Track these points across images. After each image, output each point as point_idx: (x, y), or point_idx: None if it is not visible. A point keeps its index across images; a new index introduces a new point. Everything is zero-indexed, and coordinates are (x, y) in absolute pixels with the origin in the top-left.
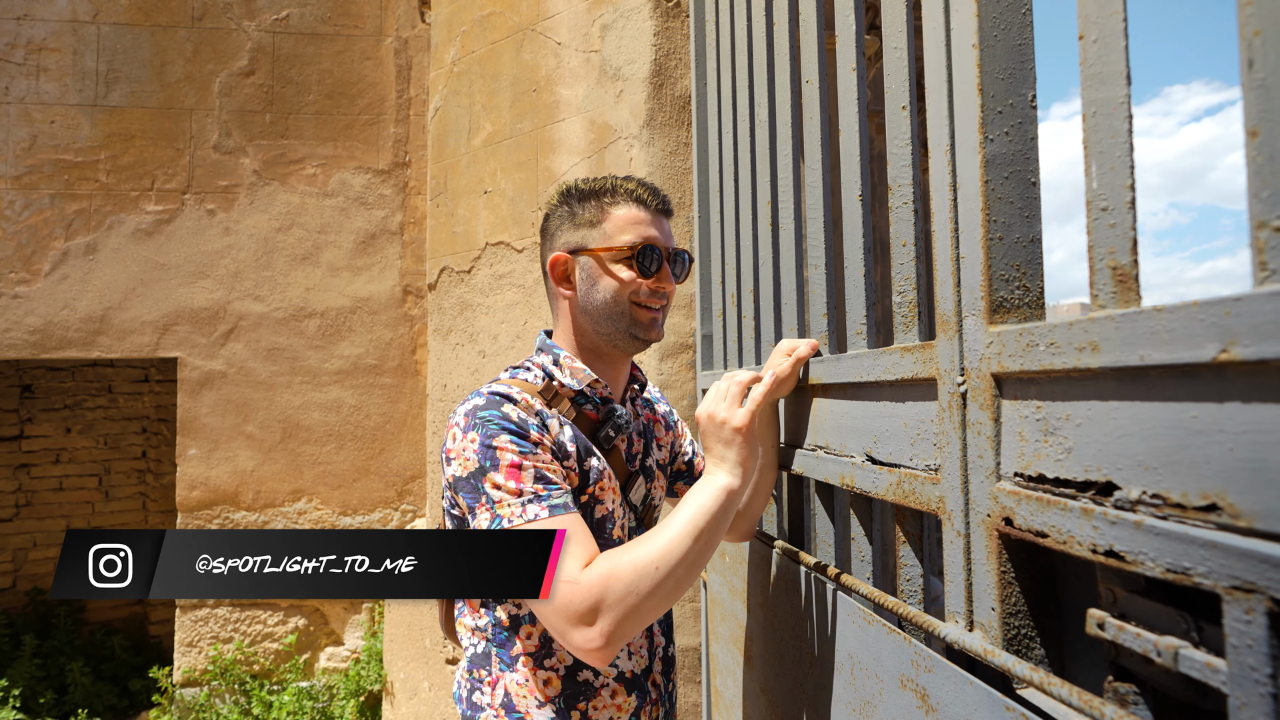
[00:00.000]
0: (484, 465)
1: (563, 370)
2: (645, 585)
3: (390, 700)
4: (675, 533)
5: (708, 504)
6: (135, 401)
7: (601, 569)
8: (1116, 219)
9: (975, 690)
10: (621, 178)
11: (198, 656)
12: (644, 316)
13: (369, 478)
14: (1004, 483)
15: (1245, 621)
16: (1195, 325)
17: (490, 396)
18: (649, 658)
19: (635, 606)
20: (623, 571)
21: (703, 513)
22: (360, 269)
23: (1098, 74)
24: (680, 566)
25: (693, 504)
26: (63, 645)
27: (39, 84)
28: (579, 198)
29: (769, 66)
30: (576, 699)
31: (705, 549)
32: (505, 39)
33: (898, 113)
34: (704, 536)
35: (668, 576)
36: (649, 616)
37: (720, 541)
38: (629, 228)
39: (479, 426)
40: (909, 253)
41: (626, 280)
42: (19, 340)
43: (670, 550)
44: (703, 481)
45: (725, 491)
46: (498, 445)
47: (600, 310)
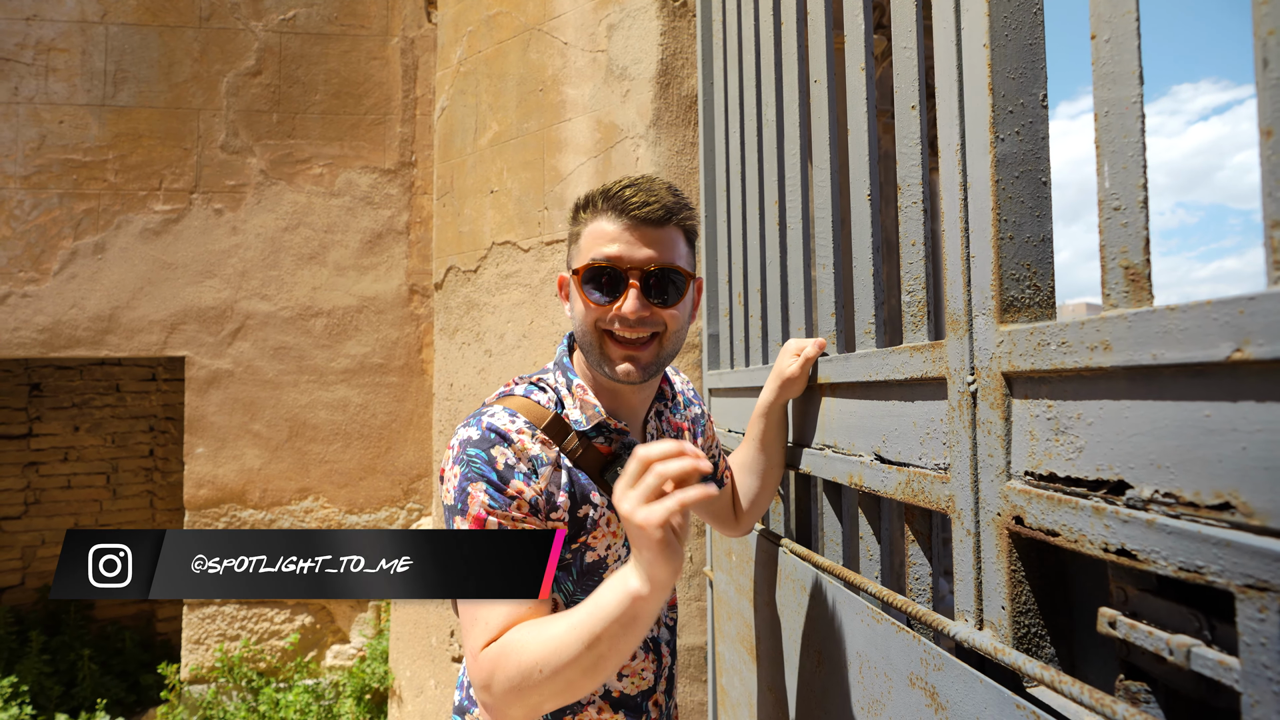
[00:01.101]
0: (456, 506)
1: (574, 401)
2: (529, 683)
3: (396, 698)
4: (567, 636)
5: (609, 609)
6: (143, 400)
7: (493, 653)
8: (1129, 218)
9: (985, 688)
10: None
11: (205, 654)
12: (614, 352)
13: (375, 476)
14: (1014, 482)
15: (1259, 620)
16: (1208, 324)
17: (485, 433)
18: (655, 679)
19: (521, 699)
20: (509, 664)
21: (600, 619)
22: (367, 268)
23: (1110, 73)
24: (570, 671)
25: (593, 604)
26: (71, 641)
27: (48, 84)
28: (576, 209)
29: (776, 66)
30: (562, 713)
31: (603, 657)
32: (512, 38)
33: (907, 112)
34: (600, 645)
35: (553, 678)
36: (540, 709)
37: (629, 647)
38: (593, 244)
39: (464, 463)
40: (918, 252)
41: (580, 310)
42: (28, 339)
43: (558, 654)
44: (614, 577)
45: (630, 598)
46: (471, 491)
47: (581, 343)
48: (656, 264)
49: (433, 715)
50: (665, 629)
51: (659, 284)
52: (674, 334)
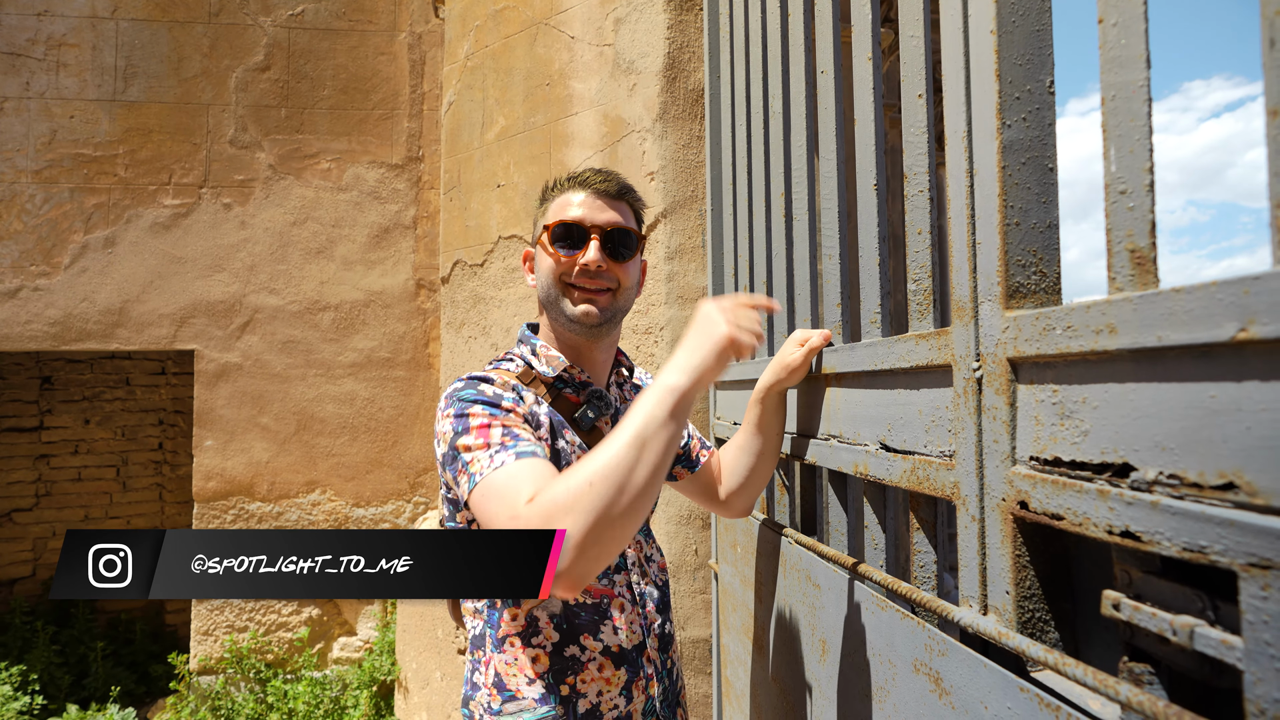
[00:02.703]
0: (456, 432)
1: (539, 359)
2: (585, 502)
3: (403, 690)
4: (612, 443)
5: (648, 406)
6: (152, 394)
7: (539, 500)
8: (1135, 202)
9: (989, 672)
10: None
11: (213, 645)
12: (573, 296)
13: (382, 469)
14: (1019, 467)
15: (1262, 598)
16: (1213, 305)
17: (468, 380)
18: (643, 633)
19: (581, 525)
20: (558, 494)
21: (640, 416)
22: (374, 263)
23: (1117, 58)
24: (618, 473)
25: (632, 410)
26: (81, 633)
27: (59, 79)
28: (544, 191)
29: (783, 58)
30: (564, 674)
31: (648, 455)
32: (519, 33)
33: (914, 101)
34: (645, 441)
35: (609, 486)
36: (602, 534)
37: (674, 445)
38: (557, 211)
39: (454, 404)
40: (924, 240)
41: (546, 265)
42: (39, 332)
43: (606, 463)
44: (648, 387)
45: (666, 391)
46: (470, 413)
47: (544, 298)
48: (613, 225)
49: (439, 707)
50: (654, 586)
51: (615, 242)
52: (625, 291)
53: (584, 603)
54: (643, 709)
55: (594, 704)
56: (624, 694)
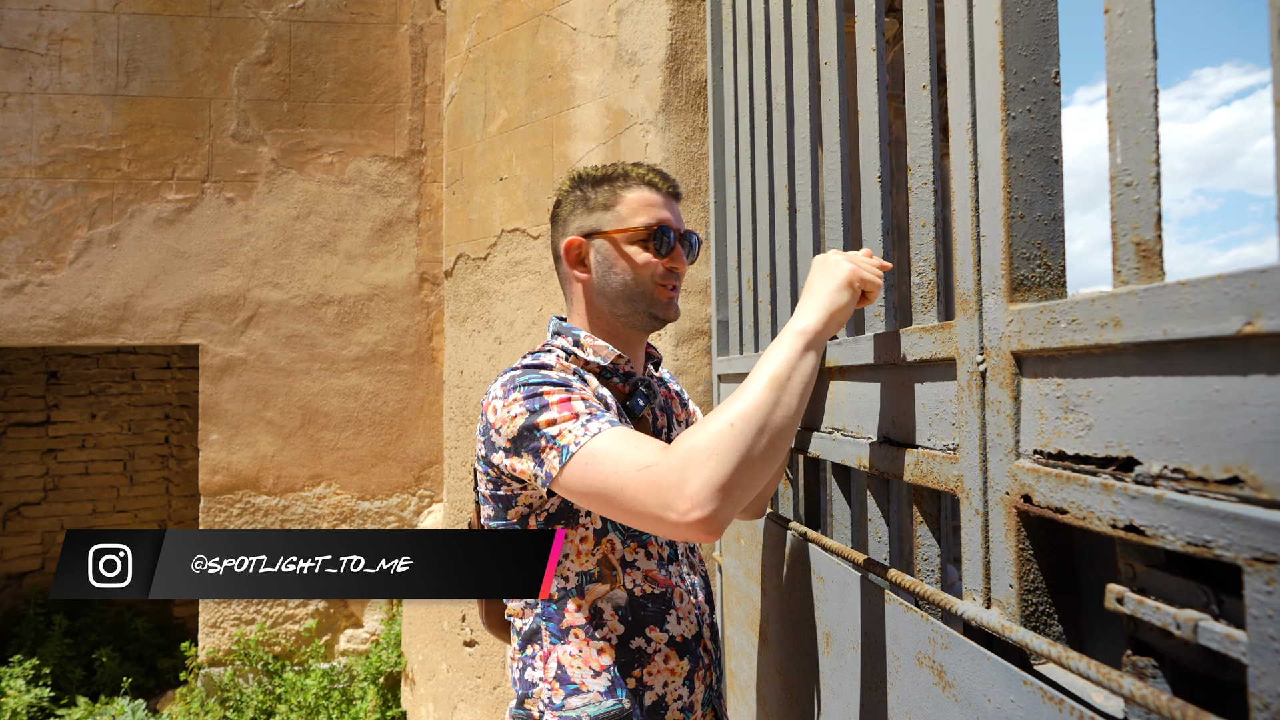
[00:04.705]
0: (534, 411)
1: (585, 349)
2: (727, 443)
3: (409, 682)
4: (749, 389)
5: (782, 349)
6: (158, 388)
7: (678, 445)
8: (1140, 194)
9: (993, 666)
10: (631, 164)
11: (221, 637)
12: (663, 295)
13: (387, 463)
14: (1023, 460)
15: (1266, 592)
16: (1219, 298)
17: (525, 367)
18: (698, 624)
19: (724, 466)
20: (698, 440)
21: (775, 359)
22: (377, 256)
23: (1123, 48)
24: (760, 415)
25: (765, 355)
26: (93, 624)
27: (61, 74)
28: (591, 183)
29: (786, 49)
30: (631, 666)
31: (787, 397)
32: (521, 25)
33: (918, 92)
34: (782, 383)
35: (750, 427)
36: (744, 475)
37: (809, 386)
38: (643, 210)
39: (520, 388)
40: (928, 233)
41: (642, 262)
42: (45, 327)
43: (746, 405)
44: (782, 331)
45: (795, 333)
46: (543, 392)
47: (618, 292)
48: (690, 230)
49: (445, 698)
50: (699, 577)
51: (690, 244)
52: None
53: (650, 593)
54: (703, 699)
55: (660, 695)
56: (687, 684)
